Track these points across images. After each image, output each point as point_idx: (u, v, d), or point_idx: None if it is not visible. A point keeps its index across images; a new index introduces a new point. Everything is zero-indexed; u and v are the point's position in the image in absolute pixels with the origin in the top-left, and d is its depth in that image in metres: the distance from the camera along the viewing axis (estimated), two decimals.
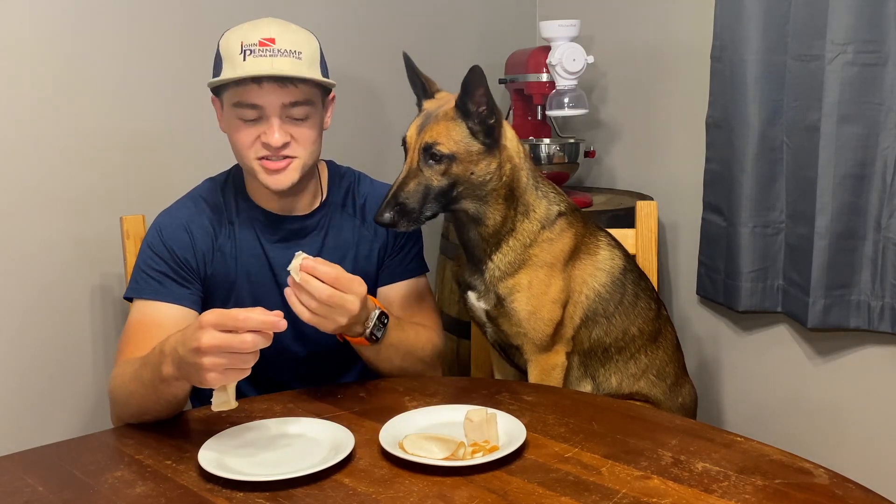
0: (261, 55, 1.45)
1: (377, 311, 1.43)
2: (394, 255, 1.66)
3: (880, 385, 2.03)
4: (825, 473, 1.11)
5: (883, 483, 1.28)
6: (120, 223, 1.79)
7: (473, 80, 1.43)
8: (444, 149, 1.46)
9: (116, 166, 1.96)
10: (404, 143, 1.52)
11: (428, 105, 1.55)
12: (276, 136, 1.46)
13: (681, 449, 1.19)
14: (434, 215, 1.51)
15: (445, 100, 1.53)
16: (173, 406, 1.31)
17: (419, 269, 1.70)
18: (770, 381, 2.25)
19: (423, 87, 1.58)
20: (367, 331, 1.41)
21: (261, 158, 1.49)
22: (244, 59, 1.45)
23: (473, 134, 1.48)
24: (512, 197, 1.55)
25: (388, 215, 1.45)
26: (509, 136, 1.56)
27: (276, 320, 1.14)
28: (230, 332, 1.13)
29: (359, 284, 1.34)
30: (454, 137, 1.47)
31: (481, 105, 1.47)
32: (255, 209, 1.59)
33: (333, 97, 1.61)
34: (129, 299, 1.53)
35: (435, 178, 1.48)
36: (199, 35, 1.79)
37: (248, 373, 1.17)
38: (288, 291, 1.32)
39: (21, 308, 1.87)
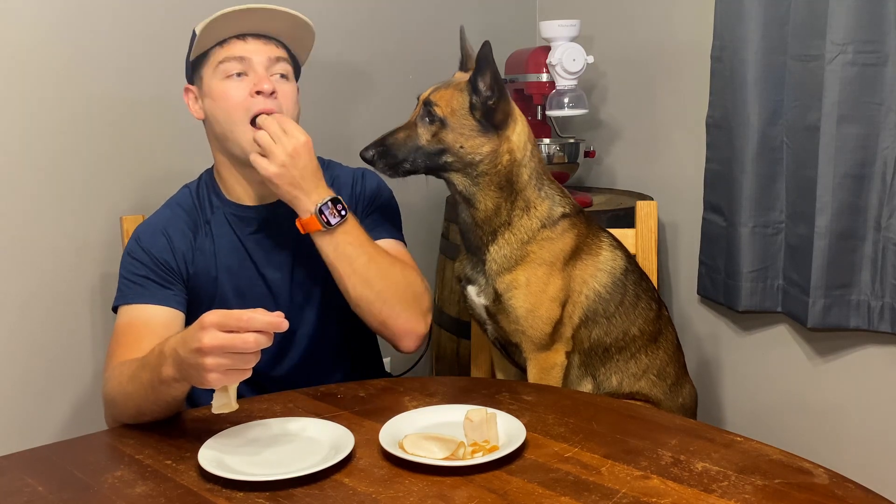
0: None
1: (330, 196, 1.45)
2: (363, 219, 1.61)
3: (880, 385, 2.03)
4: (825, 473, 1.11)
5: (883, 483, 1.28)
6: (120, 223, 1.79)
7: (485, 59, 1.47)
8: (438, 111, 1.51)
9: (116, 166, 1.96)
10: (419, 97, 1.57)
11: (457, 75, 1.62)
12: (265, 85, 1.48)
13: (680, 449, 1.19)
14: (414, 171, 1.54)
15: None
16: (172, 407, 1.31)
17: (396, 235, 1.67)
18: (770, 381, 2.25)
19: (463, 61, 1.64)
20: (316, 207, 1.43)
21: (253, 121, 1.49)
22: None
23: (472, 108, 1.51)
24: (510, 189, 1.56)
25: (370, 152, 1.51)
26: (519, 130, 1.57)
27: (279, 321, 1.13)
28: (232, 332, 1.13)
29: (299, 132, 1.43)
30: (452, 105, 1.51)
31: (487, 85, 1.50)
32: (229, 204, 1.59)
33: (298, 89, 1.61)
34: (115, 309, 1.53)
35: (425, 136, 1.51)
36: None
37: (249, 374, 1.17)
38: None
39: (21, 308, 1.87)
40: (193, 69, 1.56)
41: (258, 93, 1.48)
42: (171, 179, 1.79)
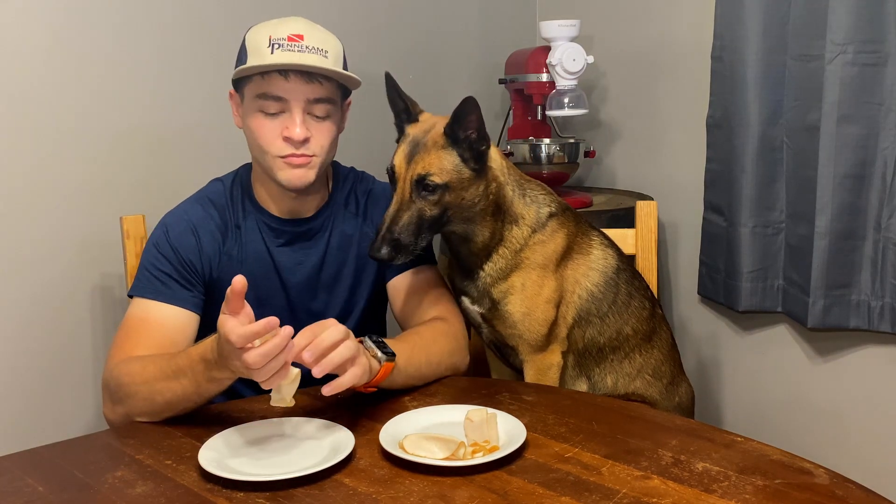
0: (289, 49, 1.45)
1: (364, 338, 1.36)
2: None
3: (880, 385, 2.03)
4: (825, 473, 1.11)
5: (883, 483, 1.28)
6: (120, 223, 1.79)
7: (466, 110, 1.42)
8: (437, 179, 1.45)
9: (116, 166, 1.96)
10: (392, 171, 1.49)
11: (412, 130, 1.51)
12: (297, 130, 1.45)
13: (681, 449, 1.19)
14: (428, 244, 1.51)
15: (430, 124, 1.50)
16: (205, 402, 1.33)
17: (425, 260, 1.65)
18: (770, 381, 2.25)
19: (406, 109, 1.54)
20: (379, 355, 1.33)
21: (284, 156, 1.48)
22: (272, 52, 1.45)
23: (464, 161, 1.47)
24: (499, 211, 1.56)
25: (384, 251, 1.43)
26: (493, 156, 1.55)
27: (265, 325, 1.14)
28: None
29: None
30: (447, 167, 1.46)
31: (471, 131, 1.45)
32: (262, 212, 1.58)
33: (350, 102, 1.60)
34: (132, 296, 1.52)
35: (428, 207, 1.46)
36: (202, 34, 1.78)
37: (288, 368, 1.19)
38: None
39: (21, 308, 1.87)
40: (238, 81, 1.52)
41: (289, 137, 1.47)
42: (171, 180, 1.79)
